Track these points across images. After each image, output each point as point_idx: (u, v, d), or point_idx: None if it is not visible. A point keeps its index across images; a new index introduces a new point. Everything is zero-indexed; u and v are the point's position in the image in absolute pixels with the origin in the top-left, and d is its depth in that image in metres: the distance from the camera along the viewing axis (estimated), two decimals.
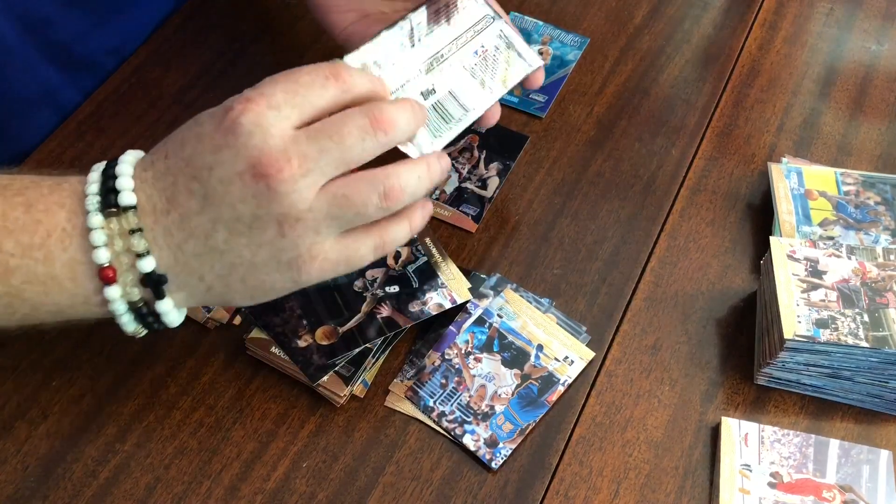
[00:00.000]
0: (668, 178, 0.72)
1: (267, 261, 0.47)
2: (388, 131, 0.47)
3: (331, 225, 0.46)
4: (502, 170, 0.71)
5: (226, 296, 0.49)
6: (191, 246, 0.46)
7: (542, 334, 0.62)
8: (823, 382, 0.59)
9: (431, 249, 0.65)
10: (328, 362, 0.59)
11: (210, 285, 0.48)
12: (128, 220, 0.45)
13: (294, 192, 0.44)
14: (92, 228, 0.45)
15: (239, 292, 0.48)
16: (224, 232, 0.46)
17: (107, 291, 0.46)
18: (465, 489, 0.56)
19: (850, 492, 0.55)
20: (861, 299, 0.58)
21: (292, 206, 0.45)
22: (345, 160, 0.46)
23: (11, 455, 0.56)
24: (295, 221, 0.45)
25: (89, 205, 0.45)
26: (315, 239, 0.46)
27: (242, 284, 0.48)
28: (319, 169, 0.45)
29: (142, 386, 0.60)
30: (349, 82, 0.47)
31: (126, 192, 0.46)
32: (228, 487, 0.56)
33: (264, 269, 0.47)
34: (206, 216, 0.45)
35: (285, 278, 0.48)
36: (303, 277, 0.48)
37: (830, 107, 0.77)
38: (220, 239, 0.46)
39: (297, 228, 0.45)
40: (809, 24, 0.84)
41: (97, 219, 0.45)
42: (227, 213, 0.45)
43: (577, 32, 0.81)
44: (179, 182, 0.46)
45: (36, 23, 0.68)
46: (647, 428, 0.59)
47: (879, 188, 0.69)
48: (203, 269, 0.47)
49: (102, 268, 0.45)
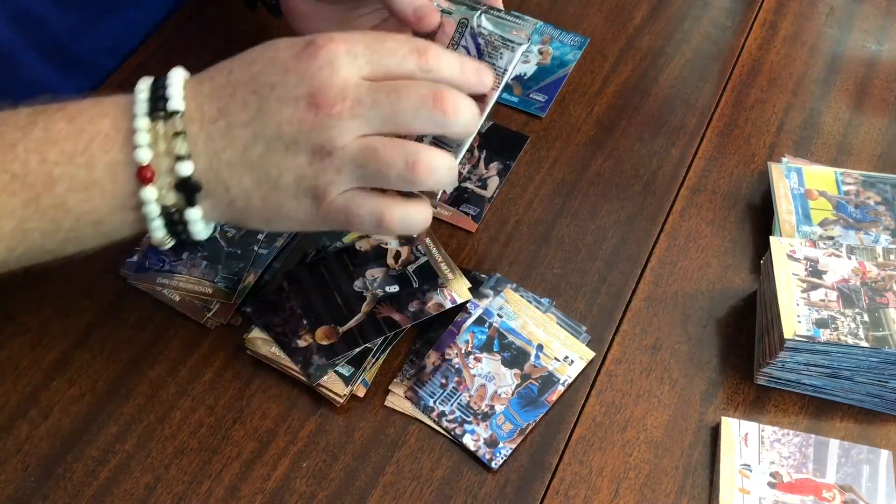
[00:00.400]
0: (668, 178, 0.72)
1: (289, 185, 0.48)
2: (448, 114, 0.48)
3: (353, 172, 0.48)
4: (502, 170, 0.71)
5: (245, 213, 0.50)
6: (227, 154, 0.48)
7: (542, 334, 0.62)
8: (823, 382, 0.59)
9: (431, 249, 0.65)
10: (328, 362, 0.59)
11: (233, 198, 0.49)
12: (174, 124, 0.47)
13: (335, 129, 0.47)
14: (137, 129, 0.47)
15: (257, 211, 0.50)
16: (261, 147, 0.48)
17: (142, 192, 0.48)
18: (465, 489, 0.56)
19: (850, 492, 0.55)
20: (861, 299, 0.58)
21: (330, 140, 0.47)
22: (393, 120, 0.47)
23: (11, 455, 0.56)
24: (326, 155, 0.47)
25: (137, 109, 0.48)
26: (334, 178, 0.48)
27: (262, 204, 0.49)
28: (366, 118, 0.47)
29: (142, 386, 0.60)
30: (432, 64, 0.49)
31: (176, 98, 0.48)
32: (228, 487, 0.56)
33: (284, 194, 0.49)
34: (250, 129, 0.47)
35: (299, 208, 0.49)
36: (310, 213, 0.49)
37: (830, 107, 0.77)
38: (256, 153, 0.48)
39: (324, 161, 0.47)
40: (809, 23, 0.84)
41: (144, 121, 0.47)
42: (271, 131, 0.47)
43: (577, 32, 0.82)
44: (238, 94, 0.48)
45: (31, 22, 0.68)
46: (647, 428, 0.59)
47: (879, 188, 0.69)
48: (231, 181, 0.49)
49: (141, 167, 0.47)
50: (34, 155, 0.47)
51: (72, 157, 0.47)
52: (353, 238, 0.66)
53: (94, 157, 0.47)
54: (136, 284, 0.64)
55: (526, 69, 0.78)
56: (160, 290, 0.63)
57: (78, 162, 0.47)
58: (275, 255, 0.65)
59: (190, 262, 0.64)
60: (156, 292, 0.63)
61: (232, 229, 0.66)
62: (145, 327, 0.62)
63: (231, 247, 0.65)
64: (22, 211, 0.48)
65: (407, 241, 0.65)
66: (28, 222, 0.48)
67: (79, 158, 0.47)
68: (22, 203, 0.47)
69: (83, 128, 0.48)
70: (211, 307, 0.62)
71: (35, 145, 0.47)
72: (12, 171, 0.47)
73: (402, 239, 0.65)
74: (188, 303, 0.63)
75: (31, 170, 0.47)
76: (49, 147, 0.47)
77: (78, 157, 0.47)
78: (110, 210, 0.49)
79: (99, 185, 0.48)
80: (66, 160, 0.47)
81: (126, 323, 0.62)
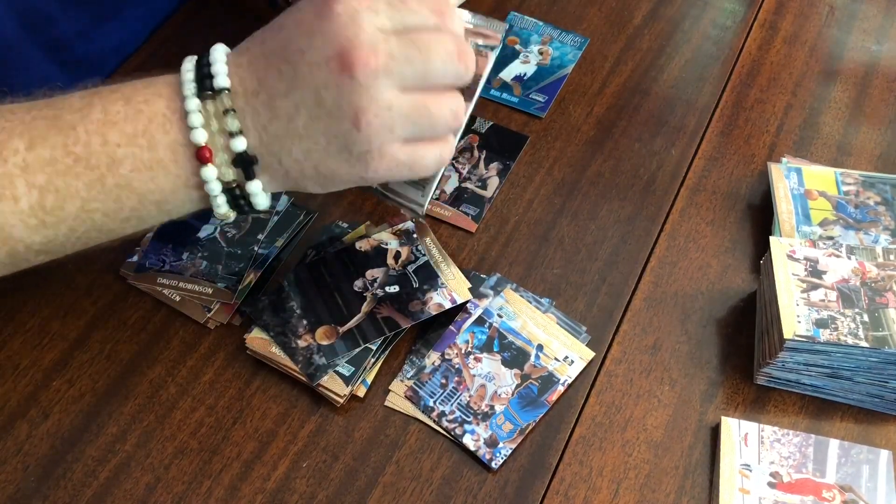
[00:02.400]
0: (668, 178, 0.72)
1: (339, 151, 0.48)
2: (469, 67, 0.49)
3: (406, 128, 0.48)
4: (502, 170, 0.71)
5: (300, 181, 0.51)
6: (274, 127, 0.48)
7: (542, 334, 0.62)
8: (823, 382, 0.59)
9: (431, 249, 0.65)
10: (328, 362, 0.59)
11: (287, 169, 0.50)
12: (222, 101, 0.48)
13: (374, 88, 0.46)
14: (189, 111, 0.47)
15: (311, 179, 0.50)
16: (305, 116, 0.47)
17: (203, 172, 0.48)
18: (465, 489, 0.56)
19: (850, 492, 0.55)
20: (861, 299, 0.58)
21: (372, 100, 0.46)
22: (426, 75, 0.48)
23: (11, 455, 0.56)
24: (373, 117, 0.47)
25: (186, 90, 0.48)
26: (388, 137, 0.48)
27: (315, 171, 0.50)
28: (401, 73, 0.47)
29: (142, 386, 0.60)
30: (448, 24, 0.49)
31: (221, 76, 0.48)
32: (229, 487, 0.56)
33: (336, 160, 0.49)
34: (290, 99, 0.47)
35: (354, 171, 0.49)
36: (369, 174, 0.49)
37: (830, 107, 0.77)
38: (301, 123, 0.48)
39: (373, 124, 0.47)
40: (809, 23, 0.84)
41: (194, 102, 0.48)
42: (311, 98, 0.47)
43: (577, 32, 0.82)
44: (272, 64, 0.48)
45: (37, 20, 0.68)
46: (646, 428, 0.59)
47: (879, 188, 0.69)
48: (282, 153, 0.49)
49: (199, 148, 0.48)
50: (95, 136, 0.47)
51: (133, 139, 0.48)
52: (353, 238, 0.66)
53: (155, 139, 0.48)
54: (136, 284, 0.64)
55: (526, 69, 0.78)
56: (160, 290, 0.63)
57: (140, 143, 0.48)
58: (275, 255, 0.65)
59: (190, 262, 0.64)
60: (156, 292, 0.63)
61: (232, 229, 0.66)
62: (145, 327, 0.62)
63: (231, 247, 0.65)
64: (86, 192, 0.48)
65: (407, 242, 0.65)
66: (92, 203, 0.48)
67: (140, 140, 0.48)
68: (86, 184, 0.48)
69: (140, 109, 0.48)
70: (211, 307, 0.62)
71: (95, 127, 0.47)
72: (75, 153, 0.47)
73: (402, 239, 0.65)
74: (188, 303, 0.63)
75: (93, 151, 0.47)
76: (109, 128, 0.47)
77: (139, 139, 0.48)
78: (174, 189, 0.49)
79: (162, 164, 0.48)
80: (128, 141, 0.48)
81: (126, 323, 0.62)
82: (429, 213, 0.68)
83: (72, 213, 0.48)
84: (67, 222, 0.49)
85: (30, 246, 0.49)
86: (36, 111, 0.48)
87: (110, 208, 0.49)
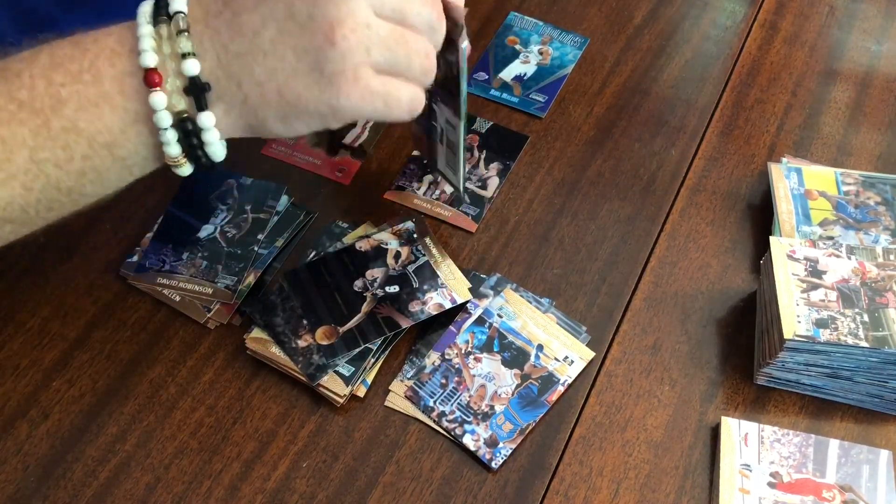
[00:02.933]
0: (668, 178, 0.72)
1: (309, 70, 0.45)
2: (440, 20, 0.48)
3: (382, 53, 0.46)
4: (502, 170, 0.71)
5: (259, 111, 0.47)
6: (236, 45, 0.46)
7: (542, 334, 0.62)
8: (823, 382, 0.59)
9: (431, 249, 0.65)
10: (328, 362, 0.59)
11: (247, 94, 0.47)
12: (177, 23, 0.46)
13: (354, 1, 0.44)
14: (141, 36, 0.46)
15: (273, 107, 0.47)
16: (273, 30, 0.45)
17: (151, 99, 0.46)
18: (465, 489, 0.56)
19: (850, 492, 0.55)
20: (861, 299, 0.58)
21: (350, 12, 0.44)
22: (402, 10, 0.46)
23: (11, 455, 0.56)
24: (350, 31, 0.44)
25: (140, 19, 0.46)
26: (364, 58, 0.45)
27: (278, 96, 0.47)
28: None
29: (142, 386, 0.60)
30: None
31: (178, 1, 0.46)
32: (229, 487, 0.56)
33: (304, 81, 0.46)
34: (258, 13, 0.45)
35: (323, 96, 0.46)
36: (341, 100, 0.46)
37: (830, 107, 0.77)
38: (267, 37, 0.45)
39: (349, 39, 0.44)
40: (809, 24, 0.84)
41: (147, 28, 0.46)
42: (282, 10, 0.45)
43: (577, 32, 0.82)
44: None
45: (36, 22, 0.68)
46: (646, 428, 0.59)
47: (879, 188, 0.69)
48: (243, 73, 0.46)
49: (148, 71, 0.45)
50: (40, 80, 0.46)
51: (78, 76, 0.46)
52: (353, 238, 0.66)
53: (101, 72, 0.46)
54: (136, 284, 0.64)
55: (526, 69, 0.78)
56: (160, 290, 0.63)
57: (85, 79, 0.46)
58: (275, 255, 0.65)
59: (190, 262, 0.64)
60: (156, 292, 0.63)
61: (232, 229, 0.66)
62: (145, 327, 0.62)
63: (231, 247, 0.65)
64: (33, 139, 0.46)
65: (407, 242, 0.65)
66: (40, 151, 0.46)
67: (85, 76, 0.46)
68: (32, 130, 0.46)
69: (87, 48, 0.47)
70: (211, 307, 0.62)
71: (40, 70, 0.46)
72: (19, 98, 0.45)
73: (402, 239, 0.65)
74: (188, 303, 0.63)
75: (37, 94, 0.46)
76: (54, 70, 0.46)
77: (84, 75, 0.46)
78: (122, 127, 0.47)
79: (108, 98, 0.46)
80: (73, 79, 0.46)
81: (126, 323, 0.62)
82: (429, 212, 0.68)
83: (21, 165, 0.46)
84: (19, 177, 0.46)
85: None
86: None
87: (60, 157, 0.47)
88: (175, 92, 0.46)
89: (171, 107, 0.46)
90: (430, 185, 0.70)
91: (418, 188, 0.70)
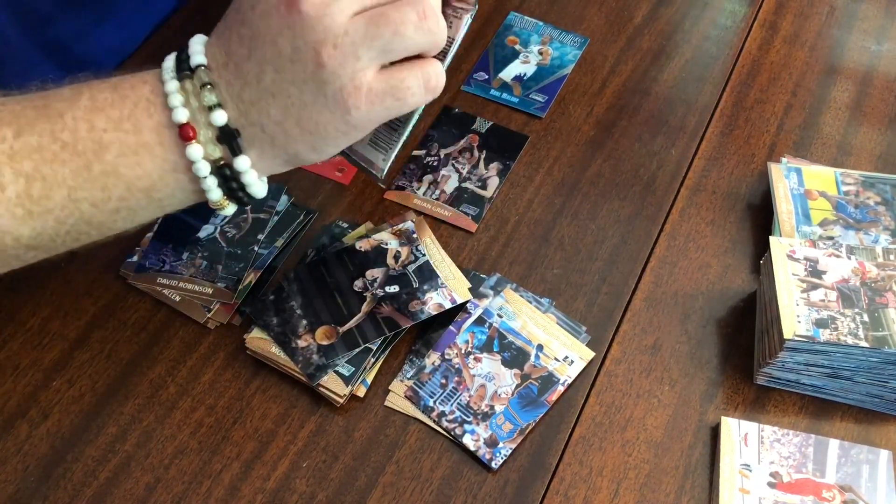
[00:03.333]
0: (668, 178, 0.72)
1: (315, 97, 0.47)
2: None
3: (370, 47, 0.45)
4: (502, 170, 0.71)
5: (289, 147, 0.49)
6: (247, 93, 0.47)
7: (542, 334, 0.62)
8: (823, 382, 0.59)
9: (431, 249, 0.65)
10: (328, 362, 0.59)
11: (272, 136, 0.48)
12: (199, 77, 0.47)
13: (326, 16, 0.44)
14: (169, 93, 0.47)
15: (299, 140, 0.48)
16: (270, 72, 0.46)
17: (188, 151, 0.47)
18: (465, 489, 0.56)
19: (850, 492, 0.55)
20: (861, 299, 0.58)
21: (326, 30, 0.44)
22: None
23: (11, 455, 0.56)
24: (333, 48, 0.45)
25: (166, 75, 0.48)
26: (356, 65, 0.45)
27: (299, 129, 0.48)
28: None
29: (142, 386, 0.60)
30: None
31: (196, 55, 0.48)
32: (228, 487, 0.56)
33: (314, 108, 0.47)
34: (253, 59, 0.46)
35: (336, 116, 0.47)
36: (352, 113, 0.47)
37: (830, 107, 0.77)
38: (269, 80, 0.47)
39: (335, 56, 0.45)
40: (809, 24, 0.84)
41: (173, 84, 0.48)
42: (270, 51, 0.46)
43: (577, 32, 0.82)
44: (233, 31, 0.47)
45: (36, 21, 0.68)
46: (646, 428, 0.59)
47: (879, 188, 0.69)
48: (262, 118, 0.48)
49: (182, 126, 0.47)
50: (82, 123, 0.47)
51: (119, 123, 0.47)
52: (353, 238, 0.66)
53: (140, 122, 0.47)
54: (136, 284, 0.64)
55: (526, 69, 0.78)
56: (160, 290, 0.63)
57: (125, 127, 0.47)
58: (275, 255, 0.65)
59: (190, 262, 0.64)
60: (156, 292, 0.63)
61: (232, 229, 0.66)
62: (145, 327, 0.62)
63: (231, 247, 0.65)
64: (73, 180, 0.47)
65: (407, 242, 0.65)
66: (78, 191, 0.48)
67: (125, 124, 0.47)
68: (73, 171, 0.47)
69: (126, 94, 0.48)
70: (211, 307, 0.62)
71: (83, 113, 0.47)
72: (62, 139, 0.47)
73: (402, 239, 0.65)
74: (188, 303, 0.63)
75: (80, 137, 0.47)
76: (96, 114, 0.47)
77: (125, 123, 0.47)
78: (161, 174, 0.48)
79: (148, 148, 0.48)
80: (114, 126, 0.47)
81: (126, 323, 0.62)
82: (429, 212, 0.68)
83: (59, 202, 0.48)
84: (55, 212, 0.48)
85: (18, 238, 0.48)
86: (26, 101, 0.48)
87: (97, 197, 0.48)
88: (209, 142, 0.48)
89: (207, 156, 0.48)
90: (429, 185, 0.70)
91: (418, 188, 0.70)
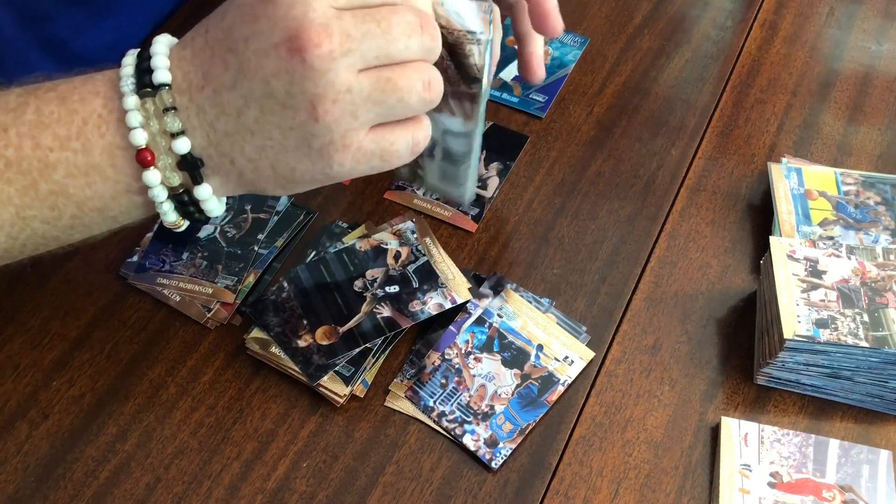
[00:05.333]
0: (668, 178, 0.72)
1: (297, 146, 0.44)
2: (435, 37, 0.45)
3: (370, 111, 0.44)
4: (502, 170, 0.71)
5: (257, 183, 0.47)
6: (222, 124, 0.44)
7: (542, 334, 0.62)
8: (823, 382, 0.59)
9: (431, 249, 0.65)
10: (328, 362, 0.59)
11: (241, 170, 0.46)
12: (162, 98, 0.44)
13: (331, 71, 0.42)
14: (128, 110, 0.44)
15: (270, 180, 0.46)
16: (255, 110, 0.43)
17: (145, 177, 0.44)
18: (465, 489, 0.56)
19: (850, 492, 0.55)
20: (861, 299, 0.58)
21: (328, 85, 0.42)
22: (387, 52, 0.43)
23: (11, 455, 0.56)
24: (331, 104, 0.42)
25: (124, 87, 0.44)
26: (351, 125, 0.43)
27: (272, 171, 0.45)
28: (360, 52, 0.42)
29: (142, 386, 0.60)
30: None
31: (161, 70, 0.44)
32: (228, 487, 0.56)
33: (294, 156, 0.44)
34: (238, 91, 0.43)
35: (316, 168, 0.45)
36: (334, 169, 0.45)
37: (830, 107, 0.77)
38: (251, 117, 0.44)
39: (332, 112, 0.43)
40: (809, 24, 0.84)
41: (132, 100, 0.44)
42: (260, 90, 0.43)
43: (577, 32, 0.82)
44: (216, 54, 0.44)
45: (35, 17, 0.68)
46: (647, 428, 0.59)
47: (879, 188, 0.69)
48: (234, 152, 0.45)
49: (140, 150, 0.44)
50: (27, 140, 0.44)
51: (66, 142, 0.44)
52: (353, 238, 0.66)
53: (90, 142, 0.44)
54: (136, 284, 0.64)
55: None
56: (160, 290, 0.63)
57: (74, 147, 0.44)
58: (275, 255, 0.65)
59: (190, 262, 0.64)
60: (156, 292, 0.63)
61: (232, 229, 0.66)
62: (145, 327, 0.62)
63: (231, 247, 0.65)
64: (19, 198, 0.45)
65: (407, 241, 0.65)
66: (27, 210, 0.45)
67: (74, 143, 0.44)
68: (19, 190, 0.45)
69: (75, 109, 0.45)
70: (211, 307, 0.62)
71: (27, 129, 0.44)
72: (6, 157, 0.44)
73: (402, 239, 0.65)
74: (188, 303, 0.63)
75: (25, 155, 0.44)
76: (42, 131, 0.44)
77: (73, 142, 0.44)
78: (114, 195, 0.46)
79: (99, 170, 0.45)
80: (61, 145, 0.44)
81: (126, 323, 0.62)
82: (429, 212, 0.68)
83: (7, 220, 0.45)
84: (5, 229, 0.46)
85: None
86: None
87: (47, 216, 0.46)
88: (168, 168, 0.45)
89: (165, 181, 0.45)
90: None
91: (418, 188, 0.70)
